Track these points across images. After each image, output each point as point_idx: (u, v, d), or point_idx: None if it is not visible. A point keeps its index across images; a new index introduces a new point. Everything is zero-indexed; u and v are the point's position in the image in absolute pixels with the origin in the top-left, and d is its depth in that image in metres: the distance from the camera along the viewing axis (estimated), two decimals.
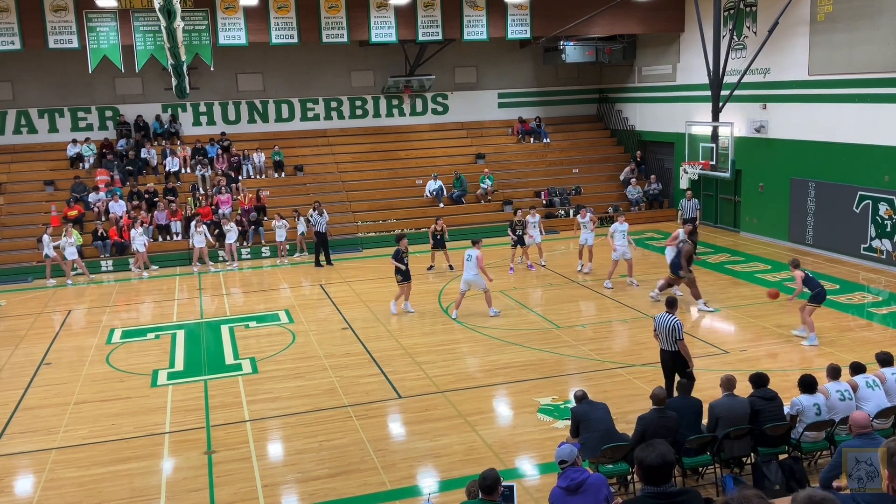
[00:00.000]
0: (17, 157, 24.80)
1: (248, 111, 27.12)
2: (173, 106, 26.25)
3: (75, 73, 23.52)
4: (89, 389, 12.54)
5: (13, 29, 19.99)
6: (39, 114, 25.29)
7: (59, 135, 25.38)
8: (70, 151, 24.81)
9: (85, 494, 9.08)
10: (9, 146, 24.95)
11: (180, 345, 14.79)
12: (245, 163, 25.62)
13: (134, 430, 10.87)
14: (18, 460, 10.18)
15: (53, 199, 23.37)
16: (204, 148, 25.61)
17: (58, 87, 25.07)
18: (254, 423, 10.99)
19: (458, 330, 15.00)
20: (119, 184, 23.90)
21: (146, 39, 20.94)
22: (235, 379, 12.79)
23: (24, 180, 24.19)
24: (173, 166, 24.86)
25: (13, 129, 25.14)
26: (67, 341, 15.34)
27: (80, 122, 25.66)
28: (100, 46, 20.68)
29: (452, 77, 28.55)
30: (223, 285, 19.84)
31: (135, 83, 25.34)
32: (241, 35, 21.96)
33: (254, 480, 9.29)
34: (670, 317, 10.35)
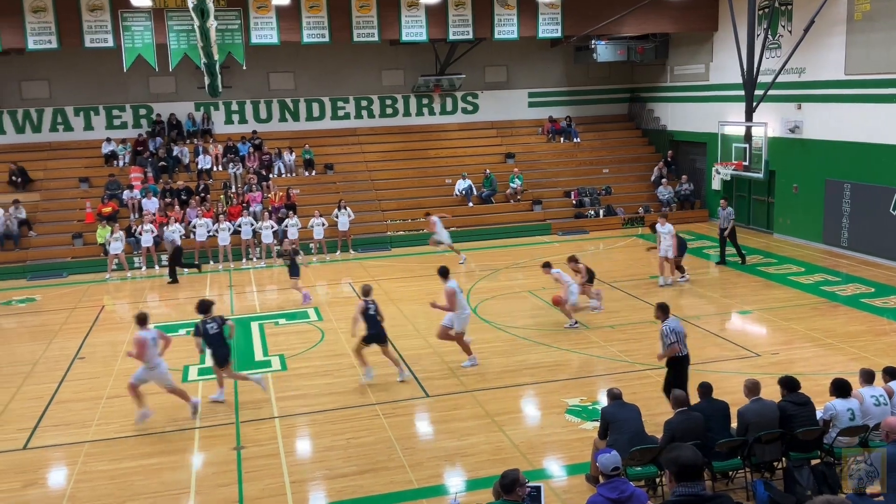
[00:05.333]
0: (53, 154, 25.23)
1: (280, 110, 27.33)
2: (206, 104, 26.52)
3: (110, 72, 23.86)
4: (122, 384, 12.65)
5: (50, 28, 20.33)
6: (75, 112, 25.71)
7: (95, 132, 25.78)
8: (105, 149, 25.18)
9: (116, 487, 9.21)
10: (45, 143, 25.39)
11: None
12: (276, 161, 25.81)
13: (164, 424, 11.00)
14: (52, 453, 10.36)
15: (88, 195, 23.74)
16: (236, 146, 25.86)
17: (93, 86, 25.46)
18: (282, 420, 11.08)
19: (487, 329, 14.97)
20: (153, 181, 24.21)
21: (180, 38, 21.18)
22: (264, 375, 12.87)
23: (60, 177, 24.60)
24: (205, 164, 25.12)
25: (50, 126, 25.57)
26: (101, 336, 15.57)
27: (115, 119, 26.05)
28: (134, 45, 20.96)
29: (482, 76, 28.51)
30: (253, 282, 20.01)
31: (168, 82, 25.64)
32: (273, 34, 22.13)
33: (282, 476, 9.35)
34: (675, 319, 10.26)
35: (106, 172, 24.46)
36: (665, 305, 10.40)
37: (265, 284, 19.94)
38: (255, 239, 22.38)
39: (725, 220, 19.16)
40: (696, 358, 12.81)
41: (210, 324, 11.49)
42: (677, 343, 9.97)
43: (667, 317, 10.17)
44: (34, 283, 20.43)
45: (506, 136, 28.55)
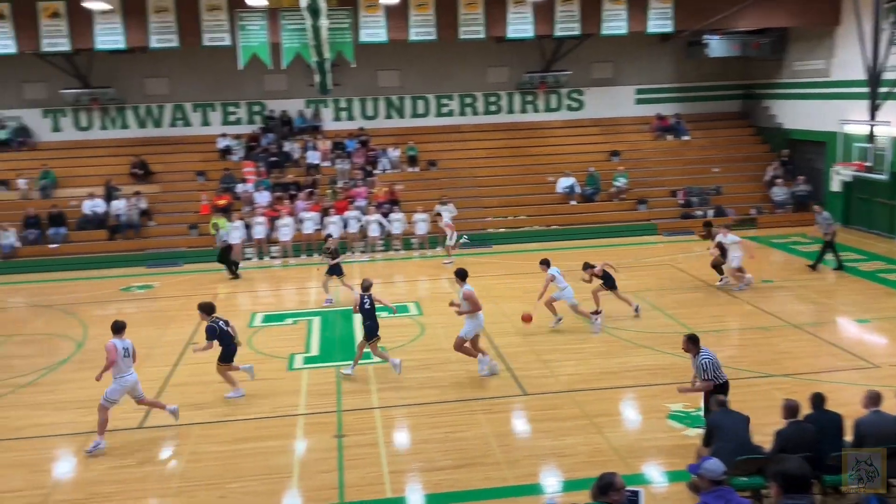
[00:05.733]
0: (172, 148, 26.50)
1: (386, 107, 27.78)
2: (316, 101, 27.25)
3: (226, 70, 24.84)
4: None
5: (172, 27, 21.33)
6: (194, 108, 26.92)
7: (211, 128, 26.91)
8: (220, 144, 26.26)
9: (224, 468, 9.60)
10: (165, 138, 26.71)
11: (316, 331, 15.36)
12: (381, 157, 26.27)
13: (270, 410, 11.39)
14: (166, 433, 10.89)
15: (204, 188, 24.82)
16: (343, 142, 26.47)
17: (210, 83, 26.59)
18: (382, 411, 11.27)
19: (588, 329, 14.77)
20: (265, 175, 25.09)
21: (293, 37, 21.81)
22: (365, 367, 13.13)
23: (178, 170, 25.82)
24: (314, 159, 25.83)
25: (170, 121, 26.88)
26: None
27: (230, 116, 27.12)
28: (250, 44, 21.74)
29: (589, 72, 28.11)
30: (358, 275, 20.42)
31: (281, 79, 26.48)
32: (382, 32, 22.51)
33: (381, 466, 9.53)
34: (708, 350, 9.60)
35: (221, 166, 25.51)
36: (695, 337, 9.63)
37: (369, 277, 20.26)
38: (361, 233, 22.87)
39: (825, 225, 18.25)
40: (809, 367, 12.28)
41: (220, 321, 11.94)
42: (713, 381, 9.34)
43: (699, 349, 9.50)
44: (153, 270, 21.53)
45: (611, 133, 28.05)
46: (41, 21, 20.73)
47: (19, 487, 9.39)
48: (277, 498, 8.87)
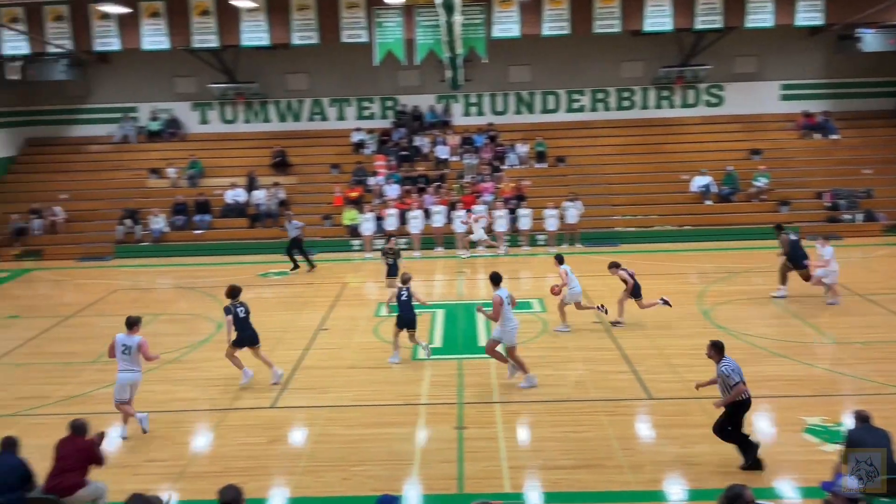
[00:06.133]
0: (309, 141, 27.50)
1: (516, 102, 27.72)
2: (447, 97, 27.55)
3: (362, 66, 25.49)
4: (358, 356, 13.62)
5: (313, 25, 22.12)
6: (330, 103, 27.82)
7: (346, 122, 27.73)
8: (354, 138, 27.01)
9: (350, 451, 9.88)
10: (303, 131, 27.75)
11: (439, 323, 15.54)
12: (509, 152, 26.24)
13: (394, 398, 11.63)
14: (295, 413, 11.33)
15: (338, 180, 25.62)
16: (471, 137, 26.64)
17: (347, 79, 27.38)
18: (503, 406, 11.27)
19: (720, 335, 14.18)
20: (395, 169, 25.61)
21: (426, 33, 22.14)
22: (488, 361, 13.16)
23: (314, 162, 26.78)
24: (443, 154, 26.12)
25: (308, 116, 27.91)
26: (342, 311, 16.76)
27: (365, 110, 27.85)
28: (385, 41, 22.24)
29: (730, 67, 26.96)
30: (483, 270, 20.52)
31: (413, 75, 26.92)
32: (515, 27, 22.47)
33: (500, 460, 9.53)
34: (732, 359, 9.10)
35: (354, 160, 26.25)
36: (720, 343, 9.19)
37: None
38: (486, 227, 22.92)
39: None
40: None
41: (239, 307, 12.05)
42: (742, 382, 8.84)
43: (722, 356, 9.06)
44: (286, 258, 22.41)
45: (752, 130, 26.80)
46: (192, 18, 21.99)
47: (162, 457, 10.02)
48: (399, 484, 9.04)
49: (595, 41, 25.41)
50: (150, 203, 24.60)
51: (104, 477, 8.57)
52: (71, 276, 21.16)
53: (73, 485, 7.98)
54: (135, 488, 7.21)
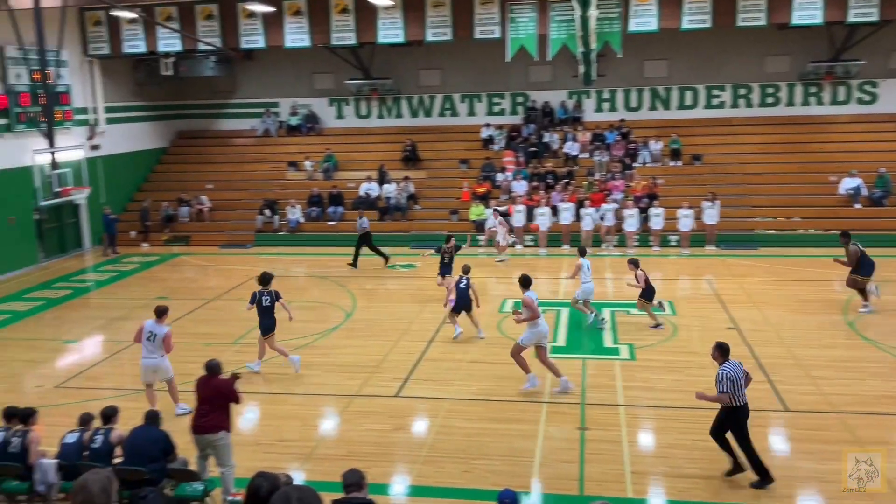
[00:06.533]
0: (440, 136, 27.83)
1: (651, 98, 26.98)
2: (578, 92, 27.17)
3: (494, 62, 25.51)
4: (481, 351, 13.68)
5: (447, 21, 22.31)
6: (461, 98, 28.04)
7: (476, 118, 27.87)
8: (483, 134, 27.11)
9: (470, 444, 9.94)
10: (434, 126, 28.11)
11: (564, 322, 15.36)
12: (641, 150, 25.59)
13: (516, 394, 11.58)
14: (418, 403, 11.51)
15: (466, 176, 25.80)
16: (603, 134, 26.15)
17: (478, 75, 27.50)
18: (627, 409, 11.02)
19: (865, 347, 13.32)
20: (524, 165, 25.52)
21: (560, 28, 21.87)
22: (612, 363, 12.92)
23: (443, 157, 27.07)
24: (573, 150, 25.79)
25: (439, 111, 28.24)
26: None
27: (495, 106, 27.89)
28: (518, 36, 22.13)
29: (886, 62, 25.14)
30: (609, 269, 20.13)
31: (545, 71, 26.71)
32: (653, 21, 21.80)
33: (622, 464, 9.32)
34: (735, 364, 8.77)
35: (483, 155, 26.35)
36: (725, 346, 8.84)
37: (622, 272, 19.91)
38: (615, 227, 22.50)
39: None
40: None
41: (265, 296, 12.43)
42: (729, 394, 8.53)
43: (726, 359, 8.71)
44: (416, 251, 22.78)
45: None
46: (332, 17, 22.68)
47: (292, 438, 10.43)
48: (519, 481, 9.00)
49: (737, 35, 24.32)
50: (287, 194, 25.63)
51: (240, 455, 9.00)
52: (214, 262, 22.39)
53: (217, 424, 8.51)
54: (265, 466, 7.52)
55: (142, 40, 23.49)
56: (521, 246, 22.82)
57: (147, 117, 27.91)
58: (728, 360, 8.74)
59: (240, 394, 8.81)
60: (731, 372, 8.60)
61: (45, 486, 8.19)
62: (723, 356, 8.80)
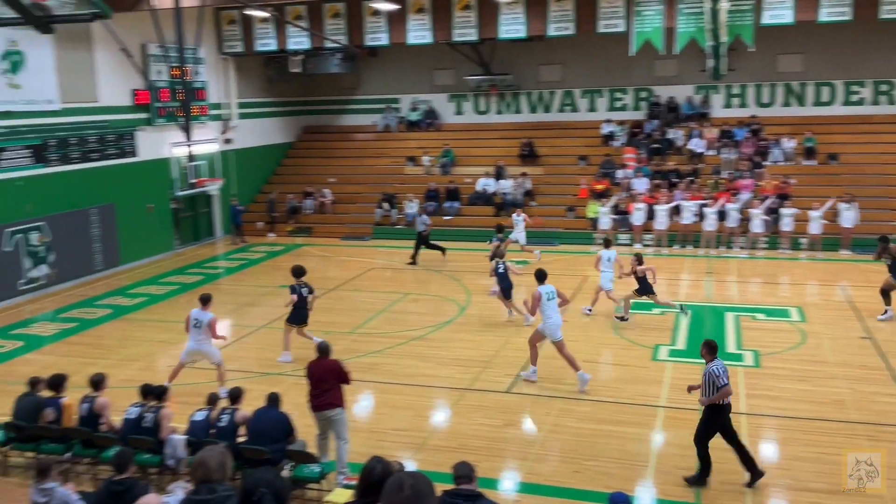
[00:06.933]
0: (558, 132, 27.54)
1: (784, 94, 25.73)
2: (706, 87, 26.24)
3: (617, 56, 24.99)
4: (595, 351, 13.47)
5: (569, 16, 22.01)
6: (582, 94, 27.65)
7: (596, 114, 27.40)
8: (604, 130, 26.62)
9: (581, 445, 9.81)
10: (553, 122, 27.85)
11: (683, 325, 14.90)
12: (772, 148, 24.45)
13: (631, 397, 11.34)
14: (530, 401, 11.46)
15: (584, 172, 25.43)
16: (731, 131, 25.16)
17: (600, 70, 27.03)
18: (749, 418, 10.57)
19: None
20: (645, 162, 24.91)
21: (688, 21, 21.15)
22: (735, 369, 12.39)
23: (562, 154, 26.77)
24: (698, 148, 24.95)
25: (559, 107, 27.96)
26: (581, 304, 16.59)
27: (616, 102, 27.35)
28: (643, 30, 21.57)
29: None
30: (734, 272, 19.38)
31: (671, 65, 25.94)
32: (788, 13, 20.73)
33: (743, 474, 8.94)
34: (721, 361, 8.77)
35: (602, 152, 25.89)
36: (714, 343, 8.86)
37: (746, 275, 19.15)
38: (741, 227, 21.64)
39: None
40: None
41: (303, 287, 13.03)
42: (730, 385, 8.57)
43: (714, 356, 8.74)
44: (530, 247, 22.66)
45: None
46: (454, 13, 22.83)
47: (404, 427, 10.61)
48: (632, 485, 8.81)
49: (880, 27, 22.79)
50: (405, 189, 26.06)
51: (354, 441, 9.24)
52: (335, 253, 23.06)
53: (332, 401, 8.93)
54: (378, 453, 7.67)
55: (273, 39, 24.41)
56: (639, 245, 22.32)
57: (276, 113, 29.04)
58: (716, 359, 8.75)
59: (350, 374, 9.17)
60: (718, 370, 8.57)
61: (174, 461, 8.67)
62: (710, 354, 8.82)
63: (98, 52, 20.28)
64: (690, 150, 25.04)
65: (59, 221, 19.07)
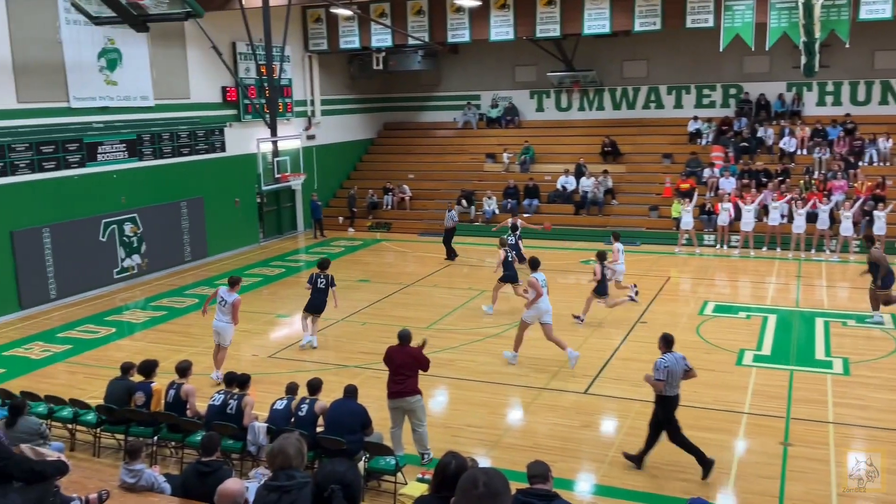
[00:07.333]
0: (642, 129, 27.03)
1: (881, 91, 24.58)
2: (798, 84, 25.31)
3: (705, 52, 24.37)
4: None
5: (656, 10, 21.55)
6: (668, 90, 27.05)
7: (683, 111, 26.77)
8: (690, 127, 25.99)
9: (660, 449, 9.53)
10: (637, 119, 27.35)
11: (770, 329, 14.42)
12: (868, 148, 23.40)
13: (713, 401, 11.04)
14: (607, 402, 11.29)
15: (669, 171, 24.88)
16: (824, 129, 24.19)
17: (687, 66, 26.38)
18: (837, 427, 10.15)
19: None
20: (733, 161, 24.20)
21: (780, 16, 20.43)
22: (823, 376, 11.97)
23: (646, 151, 26.28)
24: (789, 147, 24.09)
25: (643, 104, 27.43)
26: (663, 305, 16.29)
27: (704, 99, 26.64)
28: (733, 25, 20.93)
29: None
30: (824, 276, 18.65)
31: (762, 61, 25.11)
32: (887, 8, 19.74)
33: (829, 485, 8.60)
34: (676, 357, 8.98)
35: (688, 150, 25.28)
36: (670, 337, 9.10)
37: (837, 280, 18.39)
38: (832, 230, 20.79)
39: None
40: None
41: (321, 279, 13.66)
42: (664, 382, 8.79)
43: (668, 350, 8.97)
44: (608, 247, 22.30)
45: None
46: (537, 9, 22.64)
47: (479, 424, 10.60)
48: (712, 491, 8.58)
49: None
50: (484, 186, 26.02)
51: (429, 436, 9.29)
52: (412, 249, 23.25)
53: (413, 388, 9.15)
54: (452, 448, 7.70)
55: (356, 36, 24.74)
56: (725, 246, 21.72)
57: (357, 109, 29.45)
58: (670, 352, 8.97)
59: (429, 361, 9.38)
60: (671, 363, 8.83)
61: (255, 448, 8.89)
62: (666, 347, 9.04)
63: (190, 50, 20.98)
64: (781, 148, 24.19)
65: (151, 213, 19.82)
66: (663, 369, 8.82)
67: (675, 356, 8.96)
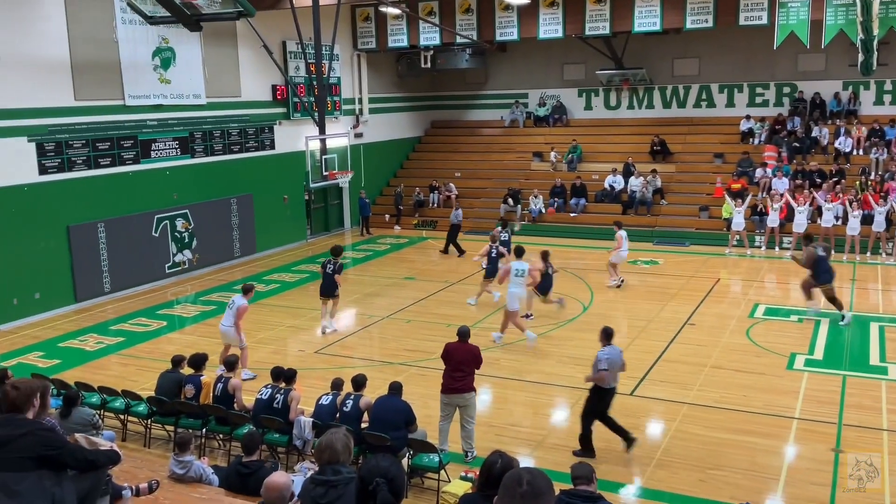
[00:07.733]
0: (693, 129, 26.62)
1: None
2: (855, 83, 24.66)
3: (758, 50, 23.92)
4: (726, 357, 12.93)
5: (708, 7, 21.20)
6: (719, 89, 26.59)
7: (735, 109, 26.28)
8: (743, 126, 25.50)
9: (707, 453, 9.45)
10: (687, 118, 26.94)
11: (823, 333, 14.10)
12: None
13: (763, 406, 10.83)
14: (654, 405, 11.14)
15: (720, 170, 24.47)
16: (882, 129, 23.52)
17: (740, 64, 25.89)
18: (891, 434, 9.88)
19: None
20: (786, 161, 23.69)
21: (837, 13, 19.94)
22: (878, 382, 11.65)
23: (696, 151, 25.87)
24: (845, 147, 23.48)
25: (694, 102, 27.01)
26: (712, 307, 16.03)
27: (757, 97, 26.13)
28: (788, 22, 20.49)
29: None
30: (879, 279, 18.15)
31: (817, 59, 24.53)
32: None
33: (882, 494, 8.36)
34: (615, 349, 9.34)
35: (740, 149, 24.82)
36: (609, 330, 9.40)
37: (893, 284, 17.88)
38: (889, 232, 20.22)
39: None
40: None
41: (329, 264, 14.42)
42: (607, 372, 9.10)
43: (608, 342, 9.27)
44: (659, 247, 22.07)
45: None
46: (587, 6, 22.45)
47: (523, 424, 10.58)
48: (760, 497, 8.41)
49: None
50: (531, 184, 25.92)
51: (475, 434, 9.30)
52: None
53: (469, 385, 9.31)
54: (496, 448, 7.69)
55: (404, 35, 24.84)
56: (777, 248, 21.28)
57: (405, 108, 29.56)
58: (610, 345, 9.23)
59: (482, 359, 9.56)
60: (610, 355, 9.11)
61: (301, 442, 9.00)
62: (606, 340, 9.29)
63: (241, 49, 21.31)
64: (836, 148, 23.61)
65: (202, 210, 20.18)
66: (605, 360, 9.09)
67: (613, 349, 9.26)
